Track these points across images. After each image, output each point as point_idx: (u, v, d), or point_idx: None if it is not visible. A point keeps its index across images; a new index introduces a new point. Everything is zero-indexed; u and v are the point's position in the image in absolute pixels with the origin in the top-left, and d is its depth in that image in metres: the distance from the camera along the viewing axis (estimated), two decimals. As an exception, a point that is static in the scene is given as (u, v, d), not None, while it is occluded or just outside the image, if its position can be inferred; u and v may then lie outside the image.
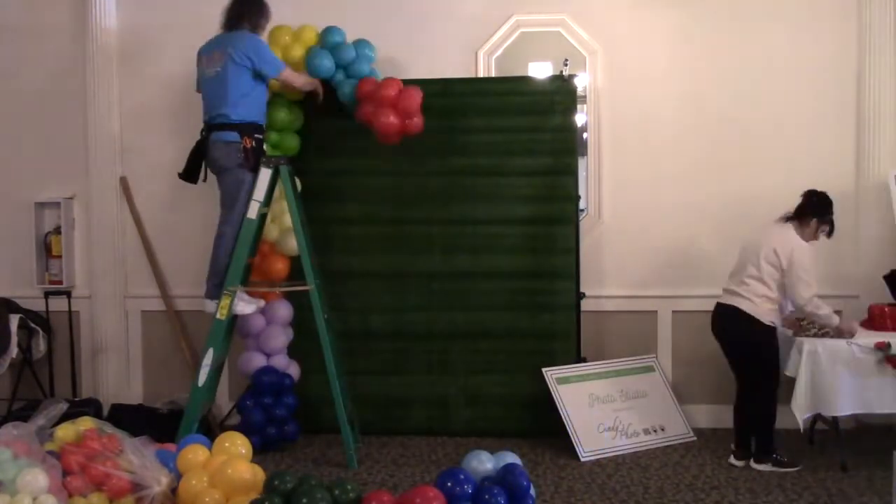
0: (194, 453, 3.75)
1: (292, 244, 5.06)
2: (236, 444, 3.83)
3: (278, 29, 5.10)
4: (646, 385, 5.28)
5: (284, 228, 5.14)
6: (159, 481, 3.66)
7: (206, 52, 4.82)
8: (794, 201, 5.02)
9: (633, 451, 4.96)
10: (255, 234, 4.80)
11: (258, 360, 5.07)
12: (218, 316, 4.70)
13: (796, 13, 5.33)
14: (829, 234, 4.74)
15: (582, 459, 4.83)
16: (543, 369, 5.09)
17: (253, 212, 4.69)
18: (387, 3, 5.46)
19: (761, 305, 4.59)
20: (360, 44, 5.12)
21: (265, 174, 4.72)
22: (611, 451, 4.91)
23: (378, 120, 4.84)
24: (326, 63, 5.00)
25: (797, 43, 5.34)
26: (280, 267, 5.19)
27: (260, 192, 4.70)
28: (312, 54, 5.02)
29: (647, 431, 5.12)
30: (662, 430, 5.15)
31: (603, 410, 5.06)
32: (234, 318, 4.82)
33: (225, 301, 4.68)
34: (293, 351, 5.26)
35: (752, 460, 4.67)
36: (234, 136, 4.68)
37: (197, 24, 5.54)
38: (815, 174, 5.30)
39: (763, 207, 5.30)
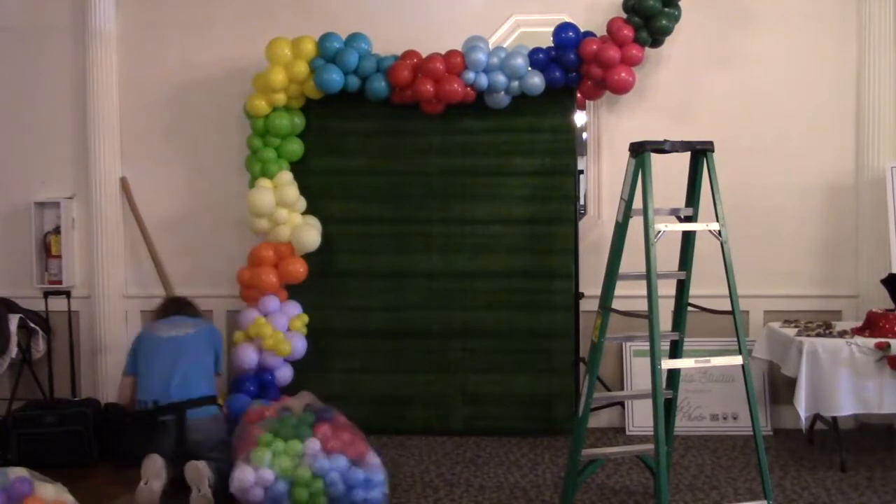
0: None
1: (305, 241, 5.06)
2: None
3: (277, 42, 5.09)
4: (738, 369, 5.11)
5: (294, 226, 5.13)
6: None
7: None
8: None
9: (686, 433, 5.00)
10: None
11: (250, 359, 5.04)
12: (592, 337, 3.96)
13: (796, 8, 5.33)
14: None
15: (627, 433, 5.08)
16: (624, 342, 5.10)
17: (620, 213, 3.94)
18: (386, 3, 5.46)
19: None
20: (356, 38, 5.11)
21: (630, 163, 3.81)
22: None
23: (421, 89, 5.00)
24: (336, 77, 5.01)
25: (797, 38, 5.34)
26: (300, 269, 5.15)
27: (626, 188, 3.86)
28: (318, 72, 5.01)
29: (714, 417, 5.11)
30: (735, 418, 5.09)
31: None
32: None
33: (596, 321, 3.93)
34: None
35: None
36: None
37: (197, 24, 5.57)
38: (815, 169, 5.32)
39: (763, 204, 5.31)
